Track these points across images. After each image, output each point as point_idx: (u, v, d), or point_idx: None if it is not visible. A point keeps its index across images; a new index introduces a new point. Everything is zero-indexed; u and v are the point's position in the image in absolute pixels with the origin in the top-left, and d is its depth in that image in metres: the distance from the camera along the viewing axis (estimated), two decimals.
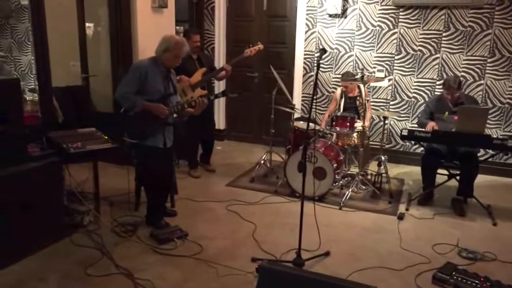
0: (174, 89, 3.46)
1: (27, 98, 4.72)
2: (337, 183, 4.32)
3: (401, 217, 3.86)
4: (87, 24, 5.08)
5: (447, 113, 4.21)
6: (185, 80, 4.37)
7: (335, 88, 5.60)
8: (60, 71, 5.26)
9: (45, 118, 4.02)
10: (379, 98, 5.49)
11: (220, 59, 6.20)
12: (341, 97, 4.93)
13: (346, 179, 4.58)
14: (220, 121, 6.41)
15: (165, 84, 3.36)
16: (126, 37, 4.77)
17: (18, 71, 5.61)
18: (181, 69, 4.49)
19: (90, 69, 5.10)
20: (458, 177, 4.11)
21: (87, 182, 3.76)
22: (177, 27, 5.69)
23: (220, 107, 6.39)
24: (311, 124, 4.76)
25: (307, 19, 5.66)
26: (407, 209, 4.06)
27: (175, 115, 3.47)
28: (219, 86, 6.30)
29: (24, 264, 2.94)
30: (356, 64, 5.54)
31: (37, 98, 4.42)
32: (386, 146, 5.52)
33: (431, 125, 4.11)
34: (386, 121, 4.78)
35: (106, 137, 3.57)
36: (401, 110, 5.43)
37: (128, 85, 3.26)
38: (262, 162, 4.93)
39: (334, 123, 4.36)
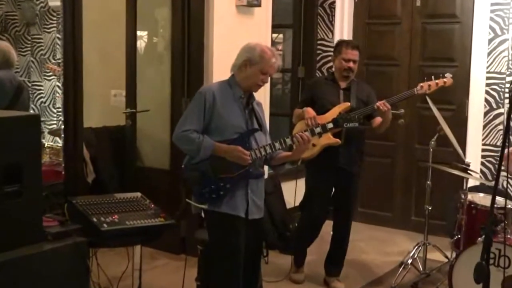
0: (260, 123, 3.57)
1: (46, 144, 5.17)
2: None
3: None
4: (138, 33, 5.52)
5: None
6: (310, 114, 4.46)
7: None
8: (95, 104, 5.72)
9: (69, 175, 4.33)
10: None
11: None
12: None
13: None
14: None
15: (245, 116, 3.50)
16: (195, 51, 5.07)
17: (37, 104, 6.12)
18: (314, 98, 4.60)
19: (140, 101, 5.47)
20: None
21: (125, 278, 3.91)
22: (274, 35, 5.95)
23: None
24: (500, 199, 4.51)
25: (492, 19, 5.59)
26: None
27: (267, 169, 3.55)
28: None
29: None
30: None
31: (59, 145, 4.83)
32: None
33: None
34: None
35: (157, 208, 3.74)
36: None
37: (189, 120, 3.43)
38: (410, 261, 4.78)
39: None
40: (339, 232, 4.77)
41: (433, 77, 4.45)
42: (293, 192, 5.05)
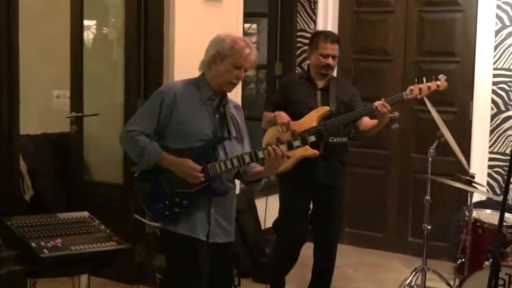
0: (230, 131, 3.51)
1: None
2: None
3: None
4: (85, 23, 5.49)
5: None
6: (284, 119, 4.47)
7: None
8: (34, 107, 5.66)
9: (2, 192, 4.28)
10: None
11: None
12: None
13: None
14: None
15: (214, 121, 3.48)
16: (153, 44, 5.06)
17: None
18: (287, 100, 4.61)
19: (87, 103, 5.42)
20: None
21: None
22: (247, 25, 5.96)
23: None
24: (509, 216, 4.55)
25: (499, 7, 5.66)
26: None
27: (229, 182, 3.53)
28: None
29: None
30: None
31: None
32: None
33: None
34: None
35: (109, 231, 3.72)
36: None
37: (139, 120, 3.45)
38: None
39: None
40: (322, 257, 4.77)
41: (424, 79, 4.47)
42: (265, 210, 5.04)
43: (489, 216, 4.63)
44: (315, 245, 4.79)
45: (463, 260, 4.51)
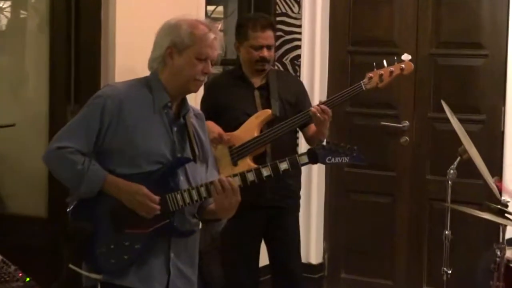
0: (194, 149, 3.51)
1: None
2: None
3: None
4: None
5: None
6: (214, 131, 4.52)
7: None
8: None
9: None
10: None
11: (313, 87, 6.39)
12: None
13: None
14: (311, 247, 6.49)
15: (171, 136, 3.47)
16: (88, 33, 5.04)
17: None
18: (218, 108, 4.70)
19: None
20: None
21: None
22: (210, 8, 5.97)
23: (312, 210, 6.49)
24: None
25: None
26: None
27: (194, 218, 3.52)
28: None
29: None
30: None
31: None
32: None
33: None
34: None
35: (28, 279, 3.70)
36: None
37: (72, 134, 3.39)
38: None
39: None
40: None
41: (385, 62, 4.54)
42: None
43: None
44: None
45: None
